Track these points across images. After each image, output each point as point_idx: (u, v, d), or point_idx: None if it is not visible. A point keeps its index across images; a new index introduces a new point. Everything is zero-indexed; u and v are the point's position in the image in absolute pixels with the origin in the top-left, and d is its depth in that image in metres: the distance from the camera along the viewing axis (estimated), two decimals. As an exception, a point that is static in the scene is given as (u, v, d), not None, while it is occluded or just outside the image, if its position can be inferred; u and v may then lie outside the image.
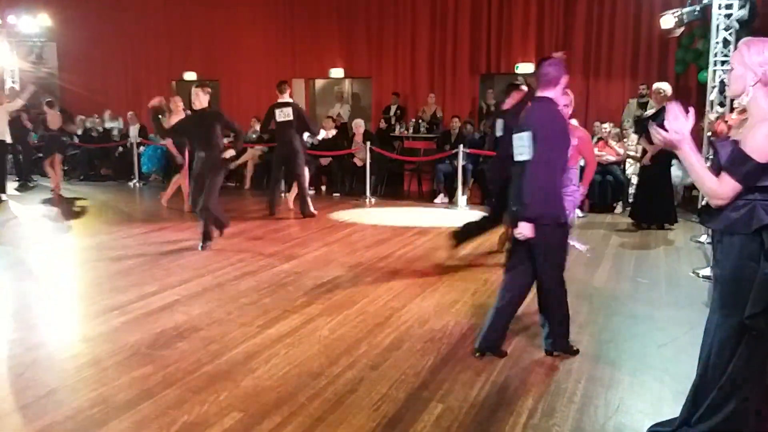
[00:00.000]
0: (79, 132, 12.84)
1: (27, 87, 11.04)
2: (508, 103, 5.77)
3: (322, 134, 9.09)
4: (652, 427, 2.76)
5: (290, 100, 8.42)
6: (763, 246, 2.27)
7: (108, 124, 13.02)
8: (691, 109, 2.35)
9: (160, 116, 6.88)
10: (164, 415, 2.96)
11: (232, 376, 3.39)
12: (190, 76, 13.66)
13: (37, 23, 13.16)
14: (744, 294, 2.28)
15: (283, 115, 8.28)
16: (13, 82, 13.33)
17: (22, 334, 4.06)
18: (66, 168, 12.42)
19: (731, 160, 2.29)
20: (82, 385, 3.29)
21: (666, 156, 6.99)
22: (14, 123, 10.77)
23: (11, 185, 11.05)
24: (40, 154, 11.74)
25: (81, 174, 12.57)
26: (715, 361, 2.44)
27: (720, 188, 2.30)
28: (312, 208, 8.40)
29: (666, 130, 2.33)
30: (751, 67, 2.31)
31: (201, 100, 6.30)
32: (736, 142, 2.32)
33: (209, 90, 6.43)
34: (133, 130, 11.98)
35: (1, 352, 3.76)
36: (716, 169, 2.36)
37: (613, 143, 8.86)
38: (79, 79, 14.50)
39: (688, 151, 2.33)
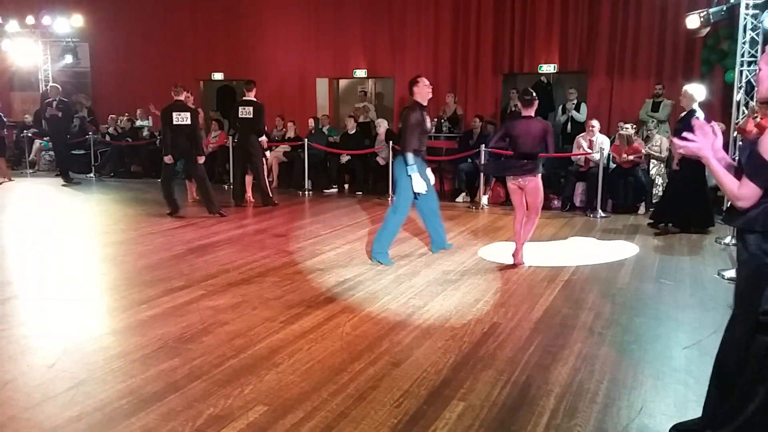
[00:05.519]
0: (111, 130, 13.14)
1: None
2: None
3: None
4: (674, 427, 2.73)
5: (253, 99, 8.84)
6: None
7: (139, 123, 13.27)
8: (716, 125, 2.43)
9: None
10: (190, 408, 3.02)
11: (257, 371, 3.45)
12: (218, 76, 13.89)
13: (70, 24, 13.43)
14: (760, 292, 2.29)
15: (245, 112, 8.85)
16: (46, 82, 13.66)
17: (52, 326, 4.18)
18: (96, 164, 12.80)
19: (751, 164, 2.31)
20: (111, 376, 3.37)
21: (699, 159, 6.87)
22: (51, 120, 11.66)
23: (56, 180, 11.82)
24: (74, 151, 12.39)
25: (111, 171, 12.87)
26: (734, 361, 2.43)
27: (740, 191, 2.34)
28: (272, 198, 8.98)
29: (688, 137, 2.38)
30: None
31: None
32: (754, 144, 2.33)
33: None
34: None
35: (32, 344, 3.87)
36: (739, 170, 2.38)
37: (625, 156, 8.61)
38: (110, 78, 14.79)
39: (709, 157, 2.41)
